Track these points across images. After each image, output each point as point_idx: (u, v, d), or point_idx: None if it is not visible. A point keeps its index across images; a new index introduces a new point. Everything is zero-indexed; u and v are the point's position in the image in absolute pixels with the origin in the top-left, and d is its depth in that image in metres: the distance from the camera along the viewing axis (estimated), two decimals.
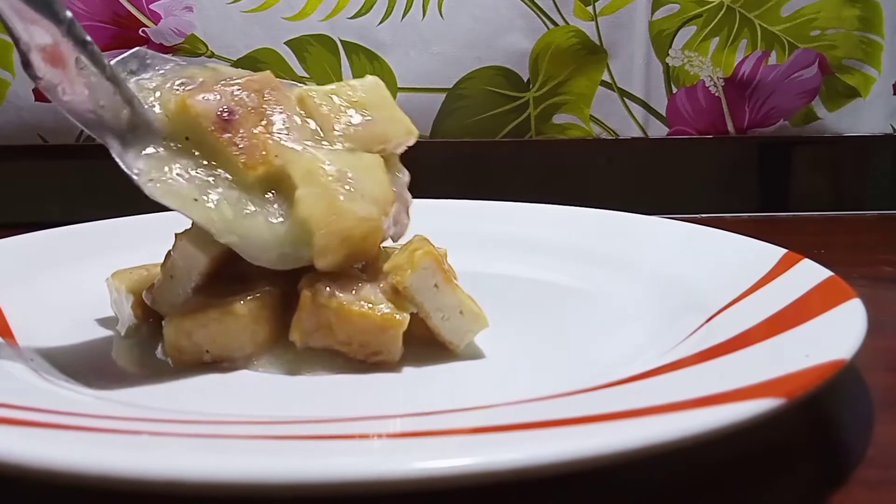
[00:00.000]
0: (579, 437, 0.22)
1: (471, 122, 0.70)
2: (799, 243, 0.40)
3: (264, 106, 0.32)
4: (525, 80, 0.70)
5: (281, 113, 0.32)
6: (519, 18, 0.68)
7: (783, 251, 0.38)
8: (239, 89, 0.32)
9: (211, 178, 0.31)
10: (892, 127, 0.73)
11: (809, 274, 0.35)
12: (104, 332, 0.36)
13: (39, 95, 0.66)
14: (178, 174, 0.30)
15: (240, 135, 0.31)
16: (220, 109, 0.31)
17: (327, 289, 0.32)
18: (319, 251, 0.31)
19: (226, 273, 0.34)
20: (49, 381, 0.30)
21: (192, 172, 0.31)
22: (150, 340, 0.34)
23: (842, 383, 0.30)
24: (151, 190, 0.30)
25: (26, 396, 0.26)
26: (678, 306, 0.36)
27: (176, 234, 0.33)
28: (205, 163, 0.31)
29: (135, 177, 0.30)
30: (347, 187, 0.31)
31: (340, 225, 0.31)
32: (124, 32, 0.66)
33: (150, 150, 0.31)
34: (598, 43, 0.70)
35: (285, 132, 0.32)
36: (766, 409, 0.22)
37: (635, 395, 0.26)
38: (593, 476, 0.23)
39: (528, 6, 0.68)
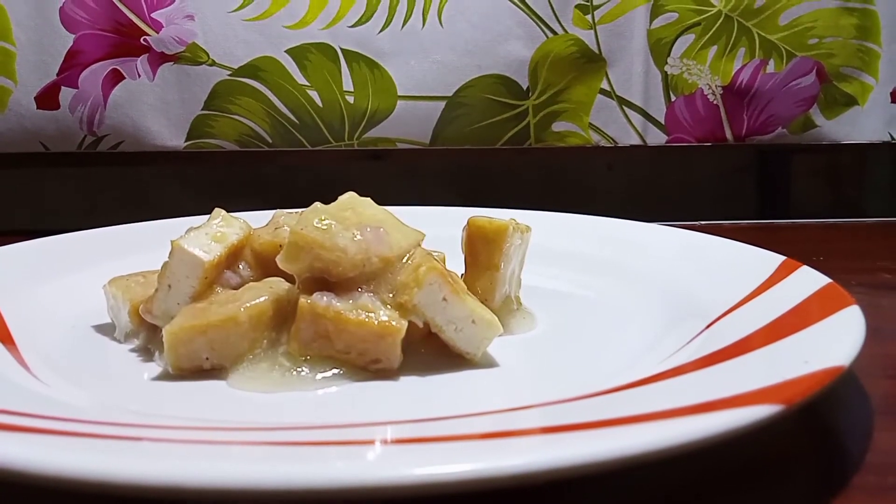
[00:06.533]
0: (576, 443, 0.22)
1: (470, 130, 0.70)
2: (798, 250, 0.40)
3: None
4: (524, 89, 0.70)
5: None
6: (518, 27, 0.69)
7: (782, 258, 0.39)
8: None
9: None
10: (890, 135, 0.73)
11: (808, 281, 0.35)
12: (104, 339, 0.36)
13: (41, 103, 0.66)
14: None
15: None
16: None
17: (325, 298, 0.32)
18: (286, 249, 0.32)
19: (223, 281, 0.34)
20: (49, 387, 0.30)
21: None
22: (149, 347, 0.34)
23: (841, 390, 0.30)
24: None
25: (26, 402, 0.26)
26: (678, 313, 0.36)
27: (172, 242, 0.34)
28: None
29: None
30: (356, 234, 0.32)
31: (312, 238, 0.32)
32: (126, 41, 0.66)
33: None
34: (596, 51, 0.70)
35: None
36: (765, 415, 0.22)
37: (633, 402, 0.26)
38: (590, 482, 0.23)
39: (528, 15, 0.69)
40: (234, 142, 0.69)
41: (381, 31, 0.68)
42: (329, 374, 0.31)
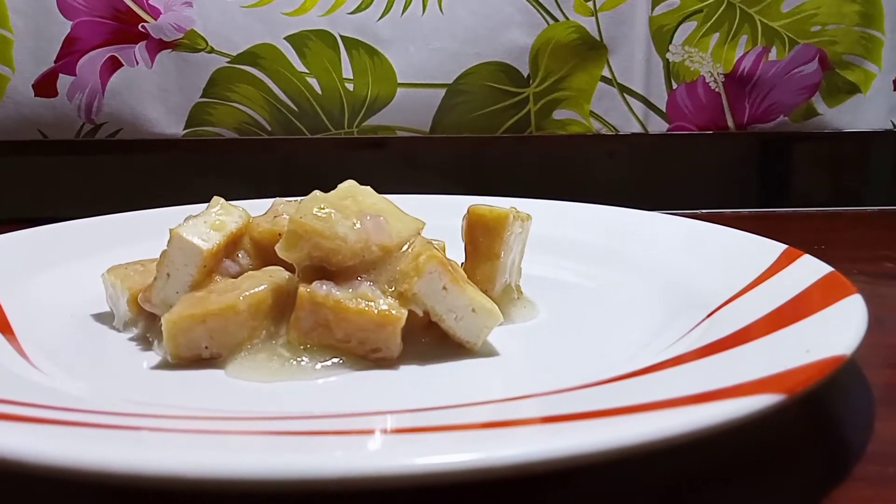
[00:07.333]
0: (576, 433, 0.22)
1: (471, 118, 0.70)
2: (799, 239, 0.40)
3: None
4: (525, 76, 0.70)
5: None
6: (519, 14, 0.68)
7: (783, 247, 0.38)
8: None
9: None
10: (893, 123, 0.72)
11: (810, 269, 0.35)
12: (103, 328, 0.36)
13: (39, 90, 0.66)
14: None
15: None
16: None
17: (324, 287, 0.31)
18: (285, 237, 0.32)
19: (222, 269, 0.34)
20: (48, 376, 0.30)
21: None
22: (148, 336, 0.34)
23: (842, 379, 0.30)
24: None
25: (25, 392, 0.26)
26: (679, 302, 0.36)
27: (171, 230, 0.33)
28: None
29: None
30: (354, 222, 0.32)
31: (310, 226, 0.31)
32: (124, 27, 0.66)
33: None
34: (598, 38, 0.70)
35: None
36: (767, 404, 0.22)
37: (634, 392, 0.26)
38: (592, 472, 0.23)
39: (528, 1, 0.68)
40: (233, 129, 0.69)
41: (380, 17, 0.68)
42: (329, 363, 0.31)
